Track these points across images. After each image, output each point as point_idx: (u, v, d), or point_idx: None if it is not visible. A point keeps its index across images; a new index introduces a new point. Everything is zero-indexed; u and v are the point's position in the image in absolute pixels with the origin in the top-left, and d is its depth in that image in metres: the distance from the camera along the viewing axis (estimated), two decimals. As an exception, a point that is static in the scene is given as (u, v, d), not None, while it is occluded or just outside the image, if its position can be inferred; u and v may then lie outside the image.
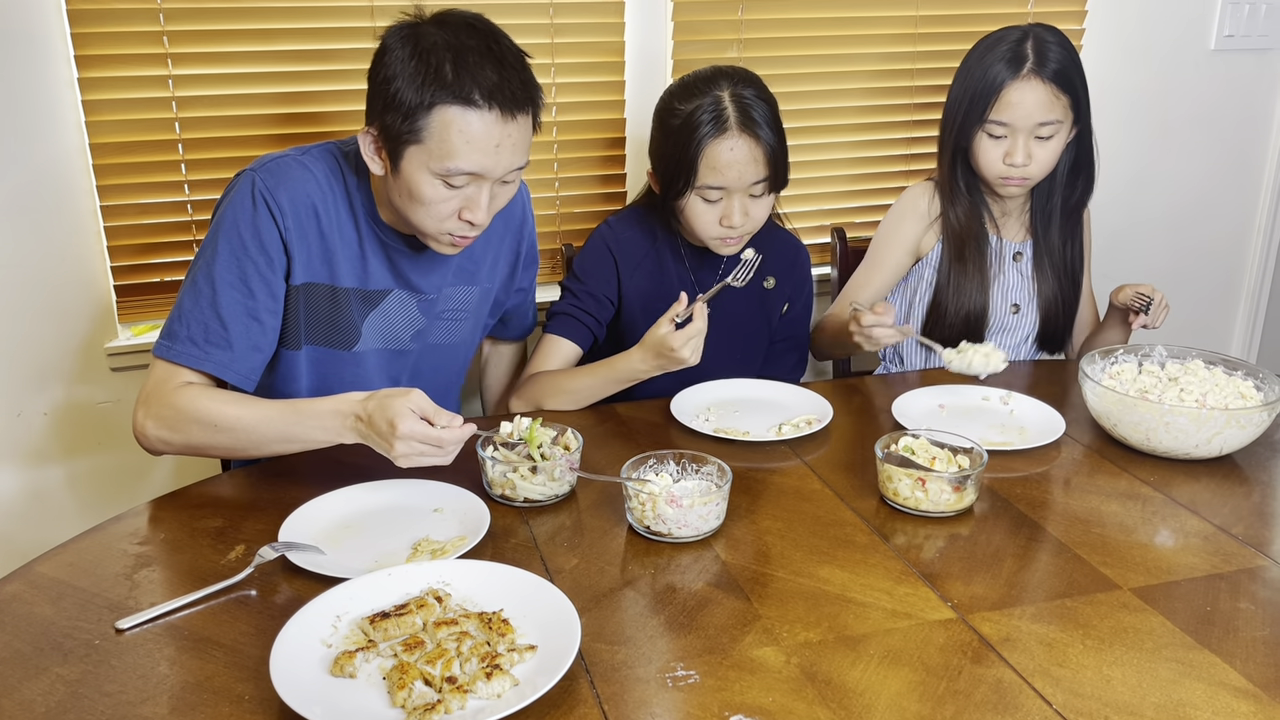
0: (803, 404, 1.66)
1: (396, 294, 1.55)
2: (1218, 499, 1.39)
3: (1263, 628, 1.10)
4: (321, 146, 1.51)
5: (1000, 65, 1.76)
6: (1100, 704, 0.98)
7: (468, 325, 1.66)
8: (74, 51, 1.82)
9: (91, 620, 1.10)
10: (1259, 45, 2.57)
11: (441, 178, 1.36)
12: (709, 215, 1.67)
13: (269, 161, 1.46)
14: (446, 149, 1.34)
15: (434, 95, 1.32)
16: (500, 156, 1.37)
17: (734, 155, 1.62)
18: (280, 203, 1.42)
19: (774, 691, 1.00)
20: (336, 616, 1.07)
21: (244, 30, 1.90)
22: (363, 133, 1.41)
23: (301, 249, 1.45)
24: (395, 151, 1.37)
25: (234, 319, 1.42)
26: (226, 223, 1.43)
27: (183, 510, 1.34)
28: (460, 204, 1.40)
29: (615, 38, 2.12)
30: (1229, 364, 1.59)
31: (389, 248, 1.52)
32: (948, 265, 1.90)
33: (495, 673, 0.97)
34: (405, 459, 1.27)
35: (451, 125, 1.33)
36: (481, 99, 1.32)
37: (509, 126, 1.35)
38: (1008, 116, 1.77)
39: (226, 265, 1.42)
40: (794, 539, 1.27)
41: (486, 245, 1.63)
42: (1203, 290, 2.79)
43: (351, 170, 1.50)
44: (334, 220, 1.48)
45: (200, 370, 1.42)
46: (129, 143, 1.89)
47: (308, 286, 1.48)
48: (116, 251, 1.94)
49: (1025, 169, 1.79)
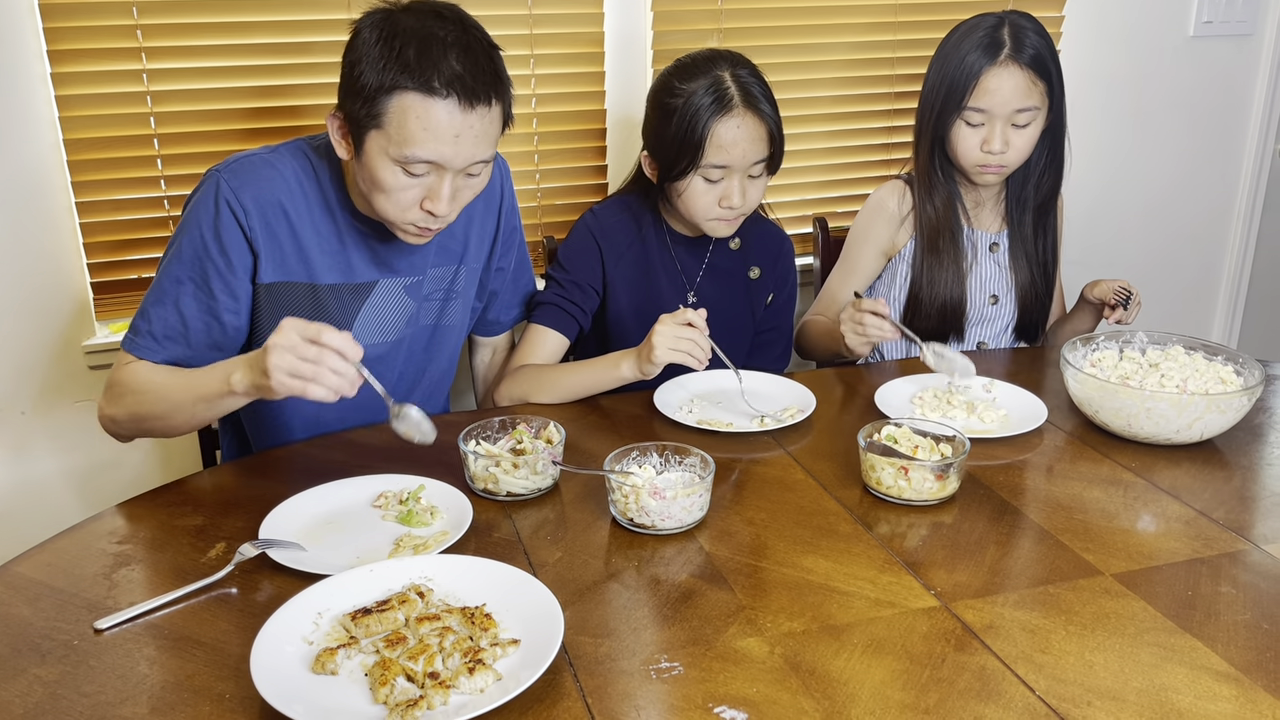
0: (786, 394, 1.66)
1: (383, 283, 1.55)
2: (1198, 484, 1.39)
3: (1243, 611, 1.11)
4: (291, 144, 1.50)
5: (977, 52, 1.76)
6: (1083, 689, 0.99)
7: (457, 306, 1.65)
8: (46, 47, 1.80)
9: (70, 620, 1.09)
10: (1237, 31, 2.58)
11: (401, 165, 1.35)
12: (709, 196, 1.67)
13: (234, 161, 1.45)
14: (405, 135, 1.33)
15: (394, 79, 1.31)
16: (460, 147, 1.35)
17: (740, 133, 1.63)
18: (244, 203, 1.42)
19: (758, 682, 1.00)
20: (318, 613, 1.07)
21: (219, 24, 1.88)
22: (330, 116, 1.41)
23: (270, 248, 1.45)
24: (358, 136, 1.37)
25: (193, 318, 1.43)
26: (190, 223, 1.43)
27: (162, 508, 1.33)
28: (421, 193, 1.39)
29: (594, 27, 2.11)
30: (1209, 349, 1.60)
31: (368, 236, 1.52)
32: (921, 257, 1.90)
33: (478, 668, 0.97)
34: (277, 369, 1.19)
35: (409, 111, 1.32)
36: (441, 86, 1.31)
37: (470, 117, 1.34)
38: (985, 103, 1.77)
39: (189, 265, 1.43)
40: (777, 529, 1.27)
41: (469, 223, 1.63)
42: (1182, 277, 2.81)
43: (325, 164, 1.49)
44: (307, 218, 1.47)
45: (157, 363, 1.44)
46: (104, 138, 1.87)
47: (280, 286, 1.47)
48: (93, 248, 1.92)
49: (1002, 156, 1.79)
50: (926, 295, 1.90)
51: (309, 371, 1.20)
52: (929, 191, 1.89)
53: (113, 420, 1.45)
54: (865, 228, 1.96)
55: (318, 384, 1.20)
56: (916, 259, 1.91)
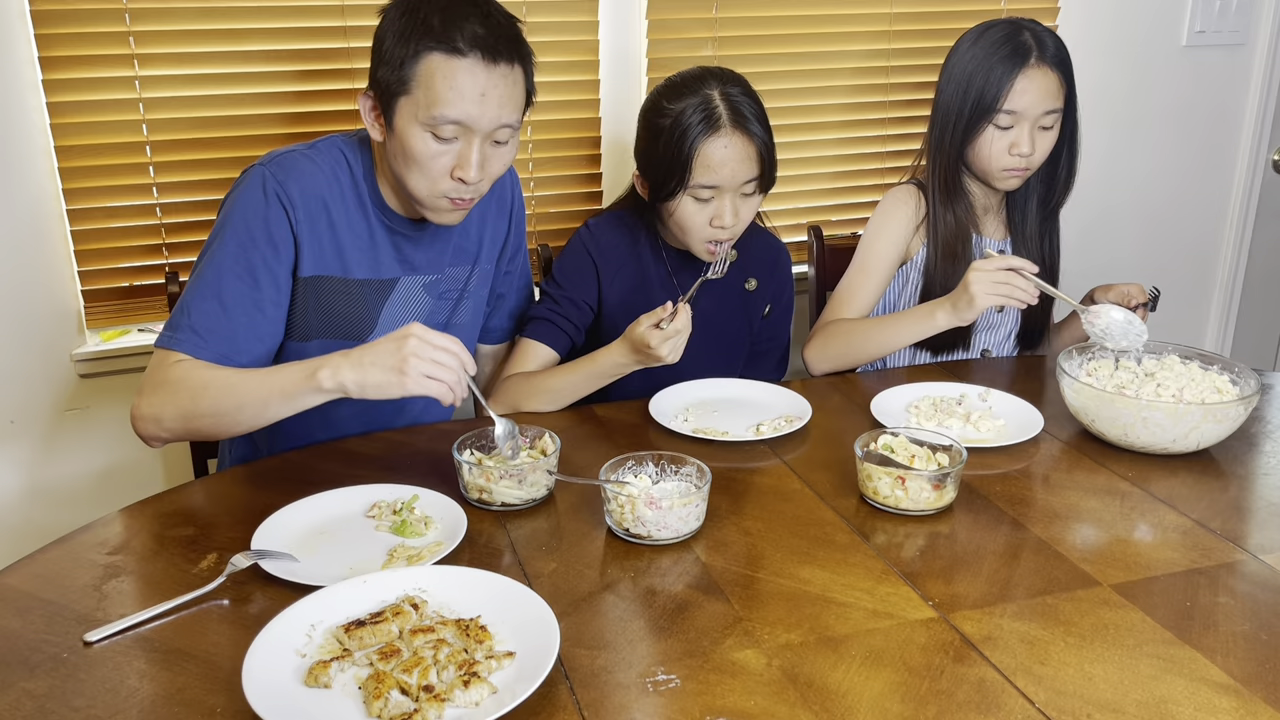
0: (781, 403, 1.65)
1: (404, 280, 1.57)
2: (1195, 493, 1.39)
3: (1242, 622, 1.10)
4: (326, 140, 1.53)
5: (1005, 57, 1.75)
6: (1083, 702, 0.98)
7: (468, 306, 1.66)
8: (38, 53, 1.79)
9: (59, 633, 1.08)
10: (1230, 41, 2.59)
11: (430, 129, 1.38)
12: (700, 216, 1.66)
13: (277, 156, 1.48)
14: (432, 96, 1.36)
15: (419, 44, 1.36)
16: (486, 107, 1.38)
17: (728, 153, 1.61)
18: (291, 196, 1.44)
19: (755, 695, 0.99)
20: (310, 625, 1.05)
21: (212, 30, 1.87)
22: (361, 96, 1.44)
23: (312, 242, 1.47)
24: (389, 108, 1.40)
25: (238, 309, 1.43)
26: (235, 215, 1.44)
27: (153, 519, 1.31)
28: (452, 161, 1.41)
29: (589, 36, 2.11)
30: (1205, 358, 1.60)
31: (394, 233, 1.54)
32: (937, 265, 1.89)
33: (473, 680, 0.96)
34: (416, 368, 1.25)
35: (436, 72, 1.36)
36: (465, 45, 1.36)
37: (493, 75, 1.38)
38: (1019, 105, 1.76)
39: (233, 256, 1.43)
40: (774, 539, 1.27)
41: (483, 224, 1.65)
42: (1175, 286, 2.81)
43: (359, 159, 1.52)
44: (343, 212, 1.50)
45: (200, 358, 1.41)
46: (95, 145, 1.86)
47: (317, 280, 1.49)
48: (84, 256, 1.91)
49: (1029, 159, 1.79)
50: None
51: (443, 374, 1.26)
52: (950, 201, 1.88)
53: (157, 420, 1.39)
54: (882, 228, 1.93)
55: (448, 387, 1.27)
56: (931, 266, 1.90)
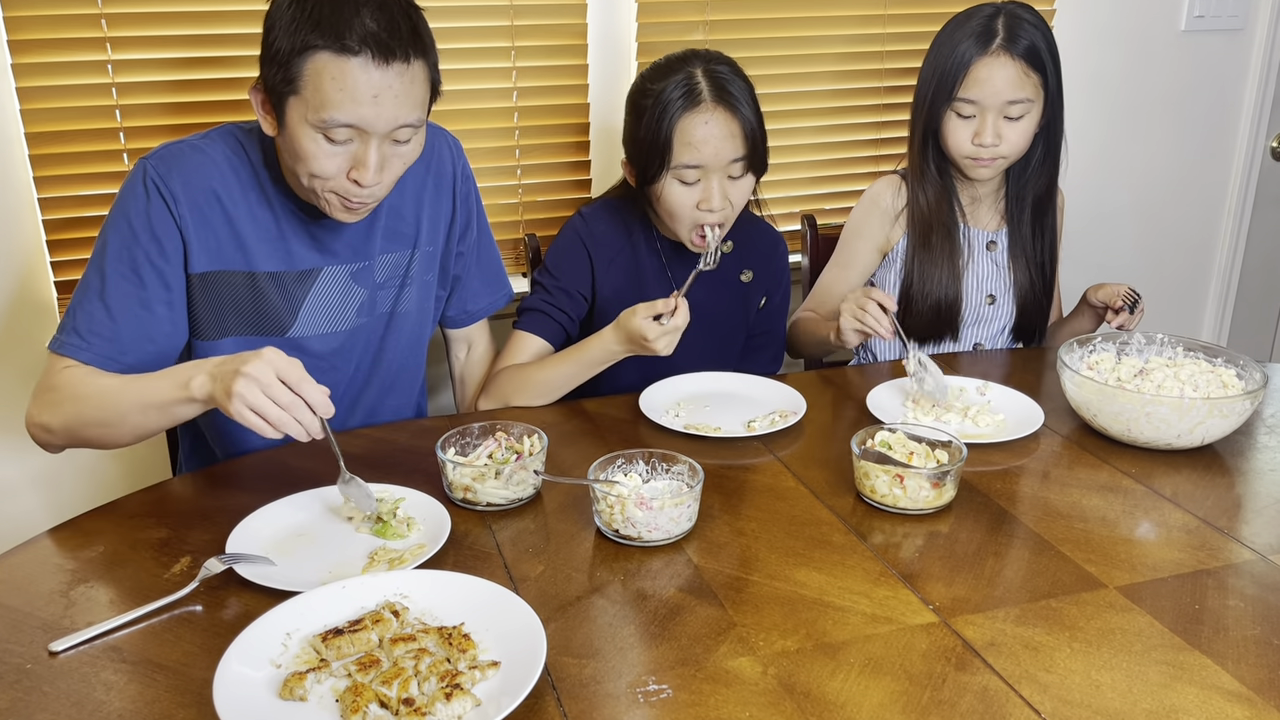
0: (775, 397, 1.61)
1: (326, 270, 1.48)
2: (1200, 490, 1.35)
3: (1253, 626, 1.07)
4: (220, 129, 1.44)
5: (969, 42, 1.72)
6: (1090, 711, 0.94)
7: (412, 293, 1.58)
8: (7, 36, 1.73)
9: (23, 642, 1.03)
10: (1229, 26, 2.55)
11: (321, 131, 1.29)
12: (687, 199, 1.60)
13: (162, 149, 1.40)
14: (321, 98, 1.26)
15: (306, 40, 1.25)
16: (381, 108, 1.28)
17: (710, 130, 1.56)
18: (174, 189, 1.36)
19: (751, 705, 0.95)
20: (286, 634, 1.01)
21: (185, 13, 1.81)
22: (251, 89, 1.35)
23: (202, 236, 1.39)
24: (278, 105, 1.31)
25: (122, 309, 1.37)
26: (117, 212, 1.38)
27: (123, 521, 1.26)
28: (347, 163, 1.32)
29: (577, 19, 2.06)
30: (1209, 352, 1.56)
31: (306, 222, 1.46)
32: (913, 253, 1.86)
33: (455, 693, 0.92)
34: (240, 398, 1.15)
35: (324, 73, 1.25)
36: (355, 42, 1.24)
37: (387, 75, 1.27)
38: (976, 94, 1.73)
39: (116, 255, 1.37)
40: (769, 540, 1.22)
41: (420, 206, 1.56)
42: (1172, 275, 2.78)
43: (256, 147, 1.43)
44: (241, 203, 1.41)
45: (83, 361, 1.37)
46: (68, 131, 1.80)
47: (215, 275, 1.42)
48: (56, 245, 1.85)
49: (995, 149, 1.75)
50: (919, 292, 1.85)
51: (274, 414, 1.16)
52: (921, 183, 1.85)
53: (45, 429, 1.37)
54: (860, 223, 1.91)
55: (276, 428, 1.17)
56: (909, 256, 1.86)
